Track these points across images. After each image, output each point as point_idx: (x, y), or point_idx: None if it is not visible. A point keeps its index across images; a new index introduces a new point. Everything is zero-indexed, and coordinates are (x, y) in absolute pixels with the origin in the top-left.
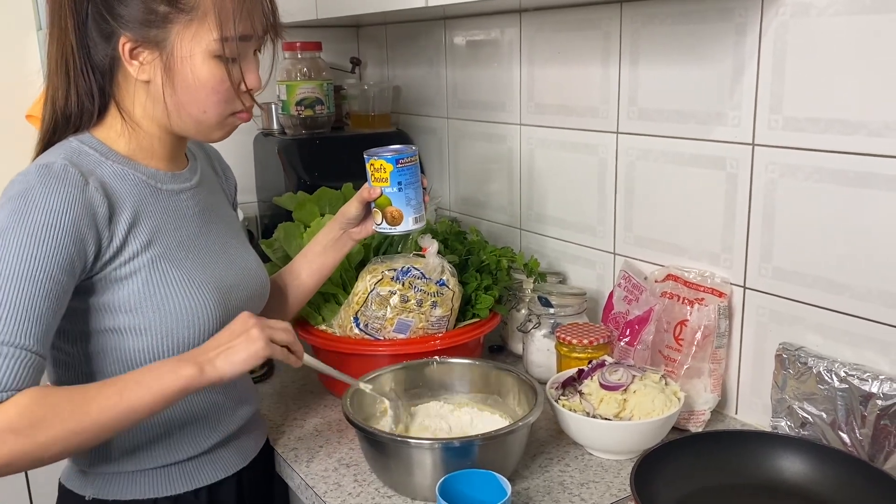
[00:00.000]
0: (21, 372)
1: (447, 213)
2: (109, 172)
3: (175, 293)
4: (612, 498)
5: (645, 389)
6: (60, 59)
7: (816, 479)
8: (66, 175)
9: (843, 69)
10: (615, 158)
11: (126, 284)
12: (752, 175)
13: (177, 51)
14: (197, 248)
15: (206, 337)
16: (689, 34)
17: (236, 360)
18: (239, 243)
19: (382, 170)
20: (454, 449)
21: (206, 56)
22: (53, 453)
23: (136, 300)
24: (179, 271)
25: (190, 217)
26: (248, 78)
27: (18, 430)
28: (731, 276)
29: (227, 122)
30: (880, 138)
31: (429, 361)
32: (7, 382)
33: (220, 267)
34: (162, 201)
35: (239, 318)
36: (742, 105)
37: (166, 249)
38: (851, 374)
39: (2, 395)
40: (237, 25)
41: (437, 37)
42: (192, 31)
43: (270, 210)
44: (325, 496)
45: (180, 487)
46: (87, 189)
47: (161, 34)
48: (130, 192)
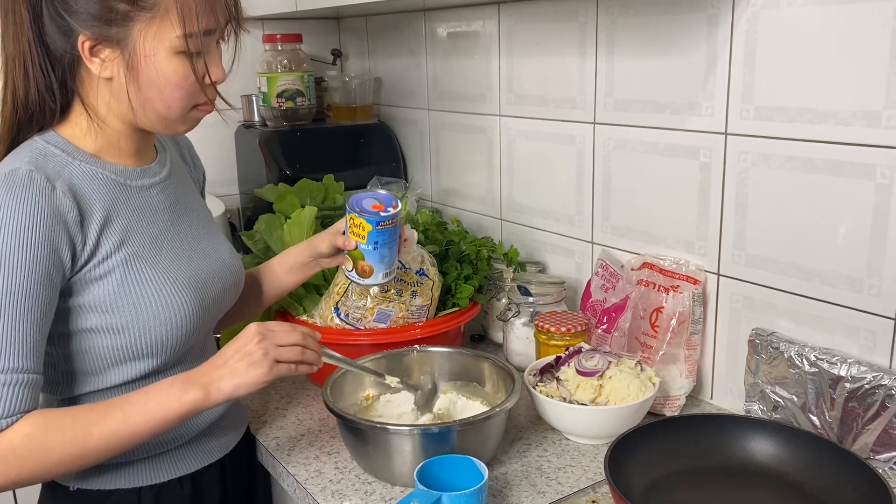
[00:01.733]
0: (20, 395)
1: (428, 204)
2: (77, 173)
3: (150, 291)
4: (589, 482)
5: (620, 375)
6: (18, 55)
7: (787, 461)
8: (31, 183)
9: (812, 59)
10: (592, 149)
11: (101, 285)
12: (725, 164)
13: (139, 49)
14: (170, 242)
15: (183, 334)
16: (664, 25)
17: (240, 384)
18: (211, 234)
19: (361, 227)
20: (433, 435)
21: (169, 53)
22: (56, 473)
23: (111, 300)
24: (154, 269)
25: (161, 211)
26: (212, 71)
27: (23, 457)
28: (706, 264)
29: (190, 116)
30: (847, 127)
31: (409, 350)
32: (8, 409)
33: (195, 261)
34: (132, 198)
35: (245, 334)
36: (715, 95)
37: (139, 247)
38: (821, 358)
39: (4, 421)
40: (200, 20)
41: (417, 28)
42: (154, 28)
43: (252, 202)
44: (307, 483)
45: (164, 476)
46: (54, 195)
47: (122, 32)
48: (100, 192)
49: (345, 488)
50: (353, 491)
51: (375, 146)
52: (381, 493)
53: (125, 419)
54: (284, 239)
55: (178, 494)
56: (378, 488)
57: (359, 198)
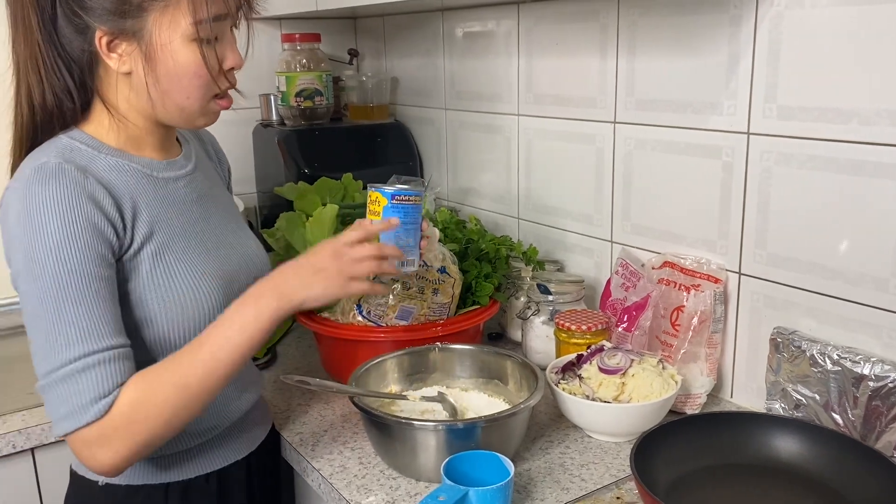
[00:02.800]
0: (116, 370)
1: (445, 202)
2: (104, 166)
3: (178, 284)
4: (612, 478)
5: (643, 373)
6: (30, 59)
7: (810, 458)
8: (62, 173)
9: (835, 59)
10: (612, 148)
11: (131, 277)
12: (747, 163)
13: (155, 39)
14: (197, 235)
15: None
16: (686, 25)
17: (311, 297)
18: (238, 227)
19: (377, 202)
20: (458, 431)
21: (184, 41)
22: (176, 426)
23: (139, 293)
24: (182, 262)
25: (189, 204)
26: (228, 57)
27: (139, 420)
28: (727, 263)
29: (209, 109)
30: (871, 126)
31: (431, 347)
32: (109, 386)
33: (222, 254)
34: (159, 190)
35: (320, 251)
36: (737, 94)
37: (168, 239)
38: (844, 356)
39: (108, 399)
40: (210, 7)
41: (434, 28)
42: (168, 17)
43: (270, 200)
44: (332, 478)
45: (191, 472)
46: (88, 183)
47: (137, 24)
48: (128, 184)
49: (370, 483)
50: (379, 486)
51: (392, 145)
52: (406, 489)
53: (213, 355)
54: (306, 237)
55: (204, 491)
56: (403, 483)
57: (382, 184)
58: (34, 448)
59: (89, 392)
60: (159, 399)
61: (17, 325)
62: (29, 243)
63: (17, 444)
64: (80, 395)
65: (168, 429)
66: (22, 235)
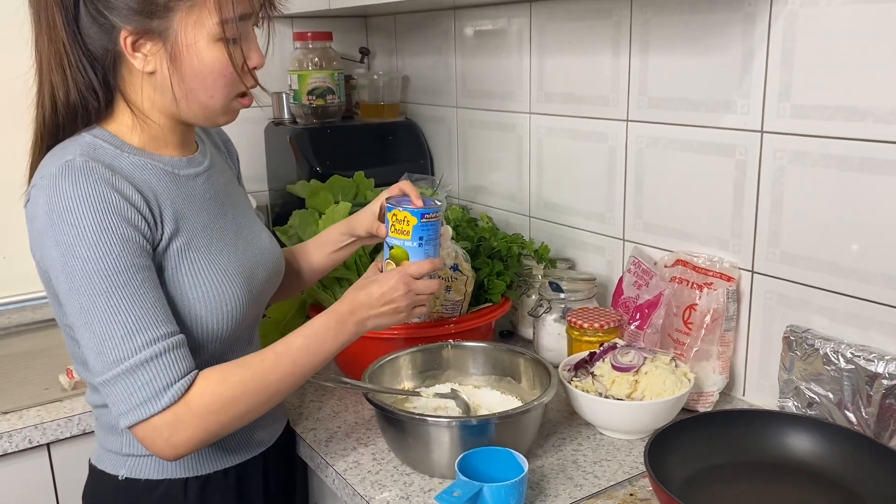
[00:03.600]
0: (179, 356)
1: (456, 201)
2: (127, 164)
3: (203, 281)
4: (625, 475)
5: (656, 371)
6: (54, 57)
7: (823, 457)
8: (90, 170)
9: (851, 57)
10: (625, 146)
11: (159, 272)
12: (760, 162)
13: (181, 39)
14: (219, 231)
15: (233, 324)
16: (699, 24)
17: (382, 325)
18: (251, 221)
19: (406, 222)
20: (471, 427)
21: (209, 40)
22: (245, 420)
23: (164, 289)
24: (206, 259)
25: (208, 200)
26: (251, 56)
27: (216, 411)
28: (740, 261)
29: (231, 107)
30: (887, 125)
31: (444, 345)
32: (178, 371)
33: (241, 249)
34: (182, 188)
35: (390, 282)
36: (751, 93)
37: (192, 237)
38: (858, 354)
39: (181, 384)
40: (236, 6)
41: (445, 26)
42: (193, 17)
43: (282, 198)
44: (346, 474)
45: (210, 467)
46: (115, 179)
47: (163, 24)
48: (151, 182)
49: (384, 479)
50: (392, 482)
51: (403, 143)
52: (420, 485)
53: (295, 363)
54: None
55: (222, 486)
56: (416, 479)
57: (398, 199)
58: (50, 443)
59: (161, 379)
60: (239, 392)
61: (33, 322)
62: (66, 242)
63: (34, 439)
64: (152, 383)
65: (239, 423)
66: (57, 234)
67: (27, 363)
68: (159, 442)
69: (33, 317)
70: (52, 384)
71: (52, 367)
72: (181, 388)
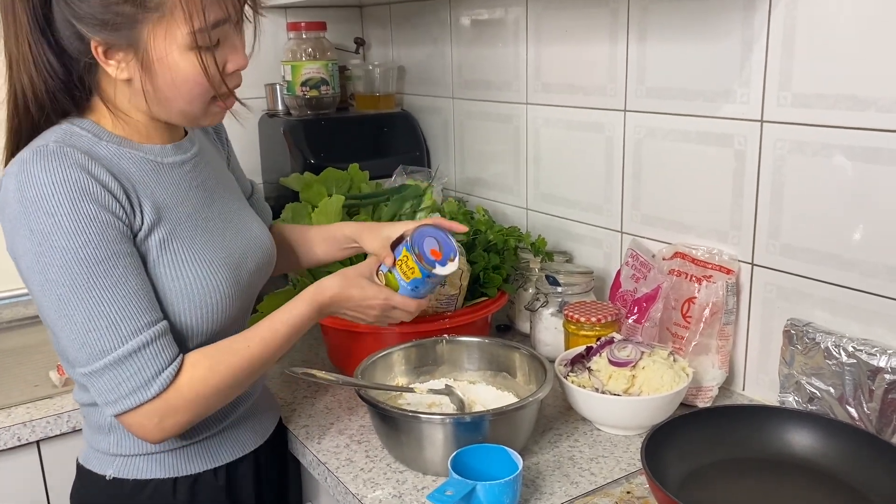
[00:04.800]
0: (166, 343)
1: (452, 193)
2: (105, 153)
3: (186, 273)
4: (622, 472)
5: (654, 366)
6: (21, 58)
7: (825, 453)
8: (63, 154)
9: (853, 45)
10: (623, 137)
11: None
12: (760, 152)
13: (152, 50)
14: (205, 220)
15: (218, 318)
16: (697, 11)
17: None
18: (241, 209)
19: (412, 270)
20: (465, 424)
21: (182, 50)
22: (229, 400)
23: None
24: (190, 250)
25: (195, 188)
26: (232, 59)
27: (207, 395)
28: (739, 253)
29: (212, 111)
30: (890, 114)
31: (438, 340)
32: (166, 359)
33: (228, 238)
34: (165, 176)
35: (372, 298)
36: (751, 82)
37: (175, 227)
38: (859, 348)
39: (169, 371)
40: (208, 14)
41: (441, 16)
42: (163, 28)
43: (275, 191)
44: (338, 471)
45: (199, 467)
46: (91, 165)
47: (132, 35)
48: (131, 172)
49: (376, 477)
50: (385, 479)
51: (399, 135)
52: (413, 482)
53: (279, 348)
54: None
55: (212, 485)
56: (410, 477)
57: (423, 234)
58: (40, 441)
59: (149, 369)
60: (228, 378)
61: (21, 318)
62: (41, 230)
63: (23, 436)
64: (140, 373)
65: (224, 402)
66: (31, 223)
67: (17, 359)
68: (149, 426)
69: (25, 312)
70: (42, 381)
71: (43, 364)
72: (169, 375)
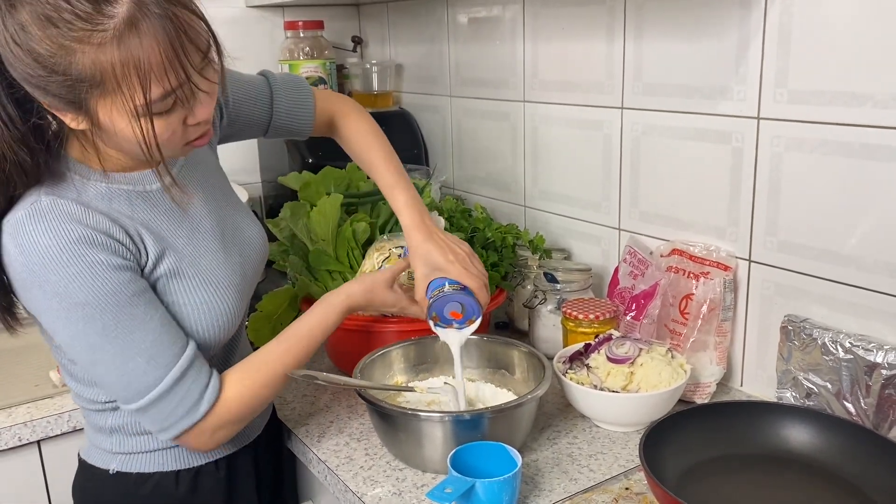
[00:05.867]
0: (199, 364)
1: (450, 191)
2: (95, 195)
3: (195, 299)
4: (621, 469)
5: (652, 362)
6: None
7: (822, 448)
8: (58, 210)
9: (850, 41)
10: (620, 134)
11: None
12: (757, 149)
13: (103, 118)
14: (203, 236)
15: (227, 333)
16: (694, 8)
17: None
18: (234, 210)
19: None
20: (464, 422)
21: (131, 118)
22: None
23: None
24: (198, 275)
25: (187, 205)
26: (196, 112)
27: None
28: (737, 250)
29: (184, 150)
30: (887, 110)
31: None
32: (206, 378)
33: (228, 250)
34: (158, 203)
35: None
36: (747, 79)
37: (180, 254)
38: (856, 344)
39: (213, 386)
40: (152, 89)
41: (438, 14)
42: (108, 101)
43: (274, 190)
44: (338, 470)
45: (200, 459)
46: (85, 216)
47: (77, 104)
48: (124, 210)
49: (376, 475)
50: (385, 477)
51: (397, 133)
52: (413, 480)
53: (302, 348)
54: (311, 226)
55: (214, 477)
56: (409, 475)
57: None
58: (40, 440)
59: (194, 392)
60: (258, 391)
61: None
62: (58, 291)
63: (24, 436)
64: (187, 398)
65: (266, 404)
66: (46, 284)
67: (17, 359)
68: (203, 440)
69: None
70: (42, 381)
71: (43, 364)
72: (213, 392)
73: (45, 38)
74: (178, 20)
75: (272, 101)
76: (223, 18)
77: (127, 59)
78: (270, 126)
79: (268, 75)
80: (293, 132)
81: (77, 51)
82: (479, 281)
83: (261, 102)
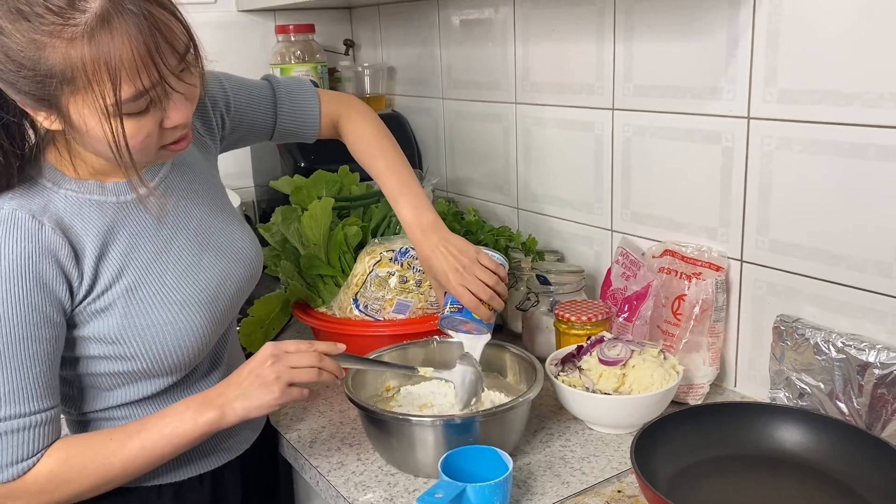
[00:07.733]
0: (39, 435)
1: (443, 193)
2: (63, 205)
3: (157, 319)
4: (613, 471)
5: (644, 364)
6: None
7: (815, 449)
8: (14, 224)
9: (837, 40)
10: (611, 135)
11: (103, 317)
12: (747, 148)
13: (75, 117)
14: (177, 251)
15: (195, 354)
16: (683, 8)
17: (252, 407)
18: (224, 220)
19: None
20: (456, 426)
21: (104, 118)
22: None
23: (116, 332)
24: (159, 293)
25: (164, 217)
26: (171, 115)
27: (49, 491)
28: (728, 250)
29: (161, 155)
30: (875, 108)
31: (429, 340)
32: (30, 450)
33: (205, 266)
34: (130, 215)
35: (260, 355)
36: (737, 78)
37: (143, 270)
38: (849, 344)
39: (27, 463)
40: (124, 88)
41: (430, 17)
42: (79, 99)
43: (267, 194)
44: (329, 475)
45: (183, 474)
46: (42, 233)
47: (50, 102)
48: (92, 221)
49: (368, 480)
50: (377, 483)
51: None
52: (405, 485)
53: (143, 446)
54: (302, 231)
55: (198, 492)
56: (401, 480)
57: (451, 321)
58: None
59: (10, 454)
60: (76, 475)
61: None
62: None
63: None
64: (1, 455)
65: (77, 499)
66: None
67: None
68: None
69: None
70: None
71: None
72: (26, 467)
73: (15, 31)
74: (154, 19)
75: (276, 105)
76: (214, 22)
77: (98, 56)
78: (276, 130)
79: (272, 80)
80: (299, 136)
81: (47, 45)
82: (473, 300)
83: (264, 107)
